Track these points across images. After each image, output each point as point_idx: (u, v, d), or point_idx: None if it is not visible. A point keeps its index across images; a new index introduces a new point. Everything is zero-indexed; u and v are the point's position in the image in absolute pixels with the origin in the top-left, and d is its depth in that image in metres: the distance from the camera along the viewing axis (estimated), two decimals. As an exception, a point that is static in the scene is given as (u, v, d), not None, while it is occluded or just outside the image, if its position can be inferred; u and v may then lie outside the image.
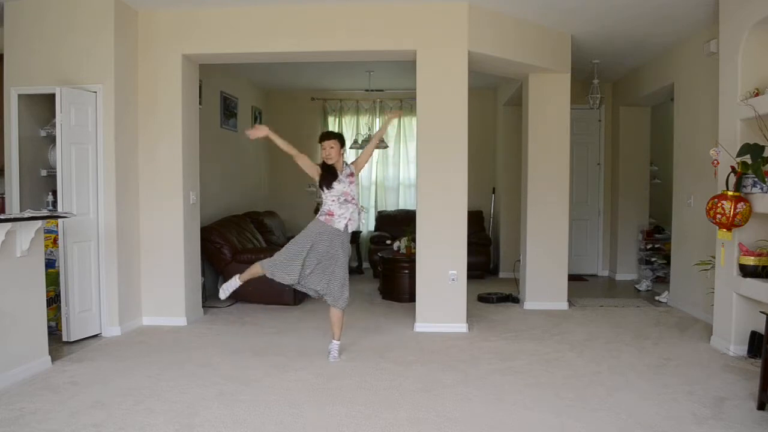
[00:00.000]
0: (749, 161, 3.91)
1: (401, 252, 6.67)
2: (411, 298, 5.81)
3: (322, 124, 9.02)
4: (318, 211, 4.26)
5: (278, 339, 4.82)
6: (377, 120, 8.97)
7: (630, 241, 7.92)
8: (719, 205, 4.01)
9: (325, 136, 4.25)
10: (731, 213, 3.94)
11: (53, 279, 4.61)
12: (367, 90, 8.63)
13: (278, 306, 5.97)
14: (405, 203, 9.10)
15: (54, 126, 4.66)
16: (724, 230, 4.09)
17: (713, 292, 4.61)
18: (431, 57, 5.11)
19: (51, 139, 4.96)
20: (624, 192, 7.91)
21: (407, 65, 5.49)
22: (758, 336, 4.10)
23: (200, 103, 5.87)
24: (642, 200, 7.94)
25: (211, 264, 6.28)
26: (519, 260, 6.39)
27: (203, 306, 5.75)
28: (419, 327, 5.13)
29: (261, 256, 6.05)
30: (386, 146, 8.49)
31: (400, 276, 6.43)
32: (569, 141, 5.97)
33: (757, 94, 4.10)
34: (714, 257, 4.62)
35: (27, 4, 4.79)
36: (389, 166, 9.09)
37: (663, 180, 7.96)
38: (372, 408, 3.31)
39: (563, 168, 5.94)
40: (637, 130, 7.88)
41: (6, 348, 3.63)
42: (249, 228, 6.93)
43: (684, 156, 5.96)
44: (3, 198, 5.04)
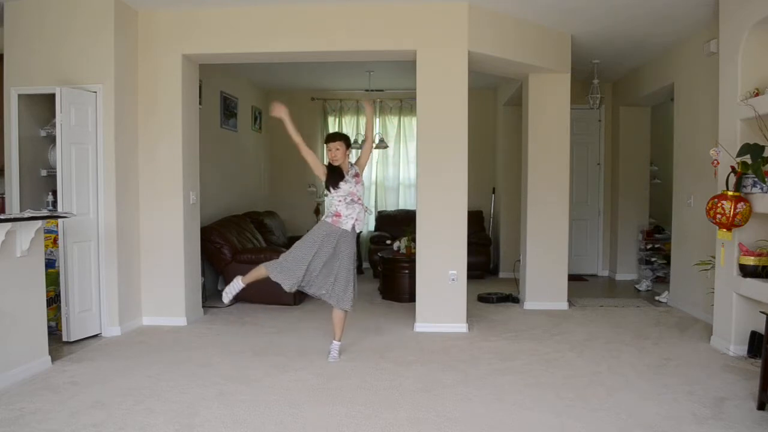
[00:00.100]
0: (749, 161, 3.91)
1: (401, 252, 6.67)
2: (411, 298, 5.81)
3: (322, 124, 9.03)
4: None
5: (278, 339, 4.82)
6: (377, 120, 8.96)
7: (630, 241, 7.92)
8: (719, 205, 4.01)
9: (331, 138, 4.23)
10: (731, 213, 3.94)
11: (53, 279, 4.61)
12: (367, 90, 8.63)
13: (278, 306, 5.98)
14: (405, 203, 9.10)
15: (54, 126, 4.66)
16: (724, 230, 4.09)
17: (713, 292, 4.61)
18: (431, 57, 5.11)
19: (51, 139, 4.96)
20: (624, 192, 7.91)
21: (407, 65, 5.49)
22: (758, 336, 4.11)
23: (200, 103, 5.87)
24: (642, 200, 7.95)
25: (211, 264, 6.29)
26: (519, 260, 6.39)
27: (203, 306, 5.75)
28: (419, 327, 5.13)
29: (261, 256, 6.12)
30: (386, 146, 8.49)
31: (400, 276, 6.43)
32: (569, 141, 5.97)
33: (757, 94, 4.10)
34: (714, 257, 4.62)
35: (27, 4, 4.80)
36: (389, 166, 9.09)
37: (663, 180, 7.96)
38: (372, 408, 3.31)
39: (563, 168, 5.94)
40: (637, 130, 7.88)
41: (6, 348, 3.63)
42: (249, 228, 6.93)
43: (684, 156, 5.96)
44: (3, 198, 5.04)
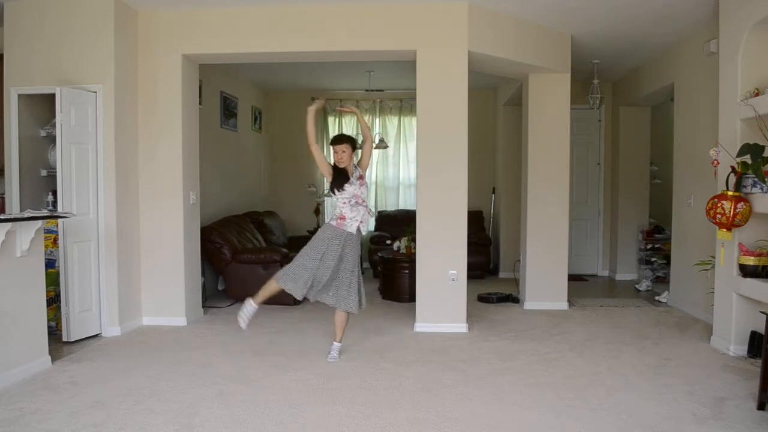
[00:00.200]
0: (749, 161, 3.91)
1: (401, 252, 6.67)
2: (411, 298, 5.81)
3: (322, 124, 9.02)
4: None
5: (278, 339, 4.82)
6: (377, 120, 8.97)
7: (630, 241, 7.92)
8: (719, 205, 4.01)
9: (338, 140, 4.19)
10: (731, 213, 3.94)
11: (53, 279, 4.61)
12: (367, 90, 8.63)
13: (278, 306, 5.97)
14: (405, 203, 9.09)
15: (54, 126, 4.66)
16: (724, 230, 4.09)
17: (713, 292, 4.61)
18: (431, 57, 5.11)
19: (51, 139, 4.96)
20: (624, 192, 7.91)
21: (407, 65, 5.49)
22: (758, 336, 4.10)
23: (200, 103, 5.87)
24: (642, 200, 7.94)
25: (211, 264, 6.29)
26: (519, 260, 6.39)
27: (203, 306, 5.75)
28: (419, 327, 5.13)
29: (261, 256, 6.14)
30: (386, 146, 8.49)
31: (400, 276, 6.43)
32: (569, 141, 5.97)
33: (757, 94, 4.10)
34: (714, 257, 4.62)
35: (27, 4, 4.79)
36: (389, 166, 9.09)
37: (663, 180, 7.95)
38: (372, 408, 3.31)
39: (563, 168, 5.94)
40: (637, 130, 7.88)
41: (6, 348, 3.63)
42: (249, 228, 6.93)
43: (684, 156, 5.95)
44: (3, 198, 5.04)
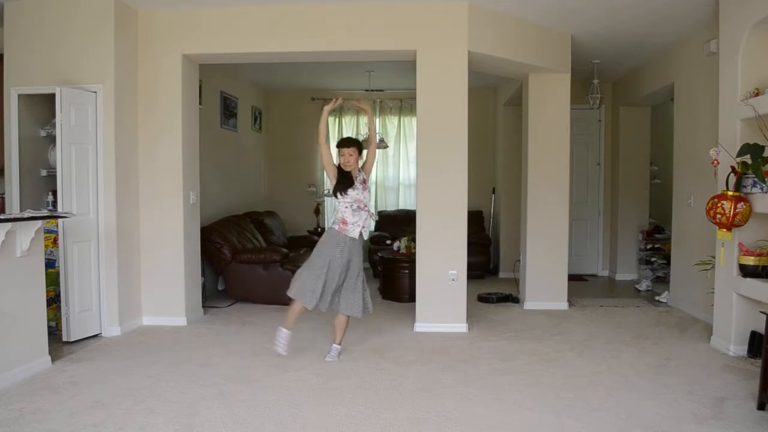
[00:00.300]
0: (749, 161, 3.91)
1: (401, 252, 6.67)
2: (411, 298, 5.81)
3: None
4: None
5: (278, 339, 4.82)
6: (377, 120, 8.97)
7: (630, 241, 7.92)
8: (719, 205, 4.01)
9: (345, 143, 4.13)
10: (731, 213, 3.94)
11: (53, 279, 4.61)
12: (367, 90, 8.62)
13: (278, 306, 5.96)
14: (405, 203, 9.09)
15: (54, 126, 4.66)
16: (724, 230, 4.09)
17: (713, 292, 4.61)
18: (431, 57, 5.11)
19: (51, 139, 4.96)
20: (624, 192, 7.91)
21: (407, 65, 5.49)
22: (758, 336, 4.10)
23: (200, 103, 5.87)
24: (642, 200, 7.94)
25: (211, 264, 6.29)
26: (519, 260, 6.39)
27: (203, 306, 5.75)
28: (419, 327, 5.13)
29: (261, 256, 6.14)
30: (386, 146, 8.49)
31: (400, 276, 6.43)
32: (569, 141, 5.97)
33: (757, 94, 4.10)
34: (714, 257, 4.62)
35: (27, 4, 4.79)
36: (389, 166, 9.09)
37: (663, 180, 7.96)
38: (372, 408, 3.31)
39: (563, 168, 5.94)
40: (637, 130, 7.88)
41: (6, 348, 3.63)
42: (249, 228, 6.93)
43: (684, 156, 5.95)
44: (3, 198, 5.04)
